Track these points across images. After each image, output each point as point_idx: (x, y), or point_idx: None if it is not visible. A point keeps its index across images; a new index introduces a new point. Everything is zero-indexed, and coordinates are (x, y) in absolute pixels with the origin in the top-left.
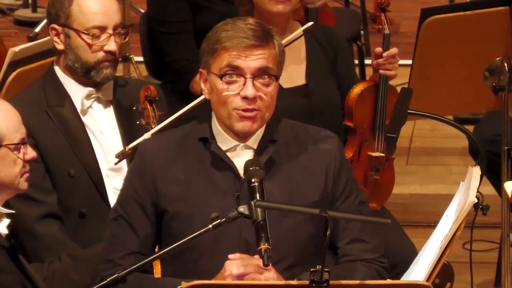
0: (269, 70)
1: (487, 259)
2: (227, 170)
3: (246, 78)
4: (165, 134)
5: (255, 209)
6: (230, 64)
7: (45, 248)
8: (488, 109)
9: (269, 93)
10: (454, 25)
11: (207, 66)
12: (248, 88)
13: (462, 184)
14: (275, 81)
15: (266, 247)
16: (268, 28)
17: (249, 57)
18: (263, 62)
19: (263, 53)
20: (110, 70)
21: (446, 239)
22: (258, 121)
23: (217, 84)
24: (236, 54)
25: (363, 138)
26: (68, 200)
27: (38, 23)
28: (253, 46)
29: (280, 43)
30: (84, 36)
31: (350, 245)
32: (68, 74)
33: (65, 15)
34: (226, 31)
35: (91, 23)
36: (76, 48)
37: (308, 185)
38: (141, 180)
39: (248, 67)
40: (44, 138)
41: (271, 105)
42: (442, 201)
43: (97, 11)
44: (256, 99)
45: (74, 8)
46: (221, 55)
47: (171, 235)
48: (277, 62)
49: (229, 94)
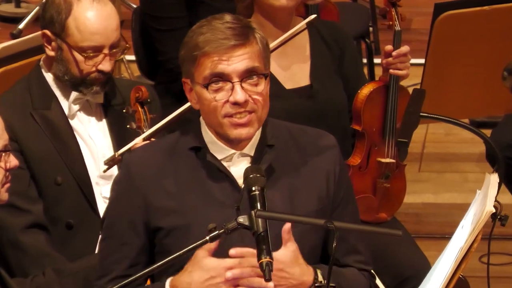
0: (256, 70)
1: (505, 273)
2: (224, 180)
3: (233, 82)
4: (151, 144)
5: (255, 220)
6: (213, 71)
7: (30, 260)
8: (506, 112)
9: (260, 93)
10: (470, 21)
11: (190, 76)
12: (238, 92)
13: (478, 192)
14: (264, 79)
15: (267, 261)
16: (247, 22)
17: (232, 60)
18: (248, 62)
19: (246, 52)
20: (101, 88)
21: (462, 252)
22: (254, 124)
23: (203, 94)
24: (218, 58)
25: (372, 143)
26: (55, 210)
27: (22, 19)
28: (234, 47)
29: (262, 36)
30: (77, 54)
31: (348, 256)
32: (55, 79)
33: (60, 26)
34: (203, 35)
35: (86, 43)
36: (67, 62)
37: (310, 193)
38: (129, 196)
39: (234, 71)
40: (29, 142)
41: (265, 105)
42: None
43: (95, 30)
44: (247, 102)
45: (71, 22)
46: (202, 62)
47: (166, 253)
48: (263, 58)
49: (218, 103)
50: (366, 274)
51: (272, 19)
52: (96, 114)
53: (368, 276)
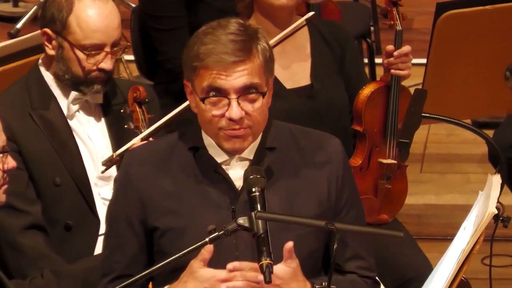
0: (255, 86)
1: (508, 275)
2: (221, 182)
3: (230, 99)
4: (150, 143)
5: (255, 221)
6: (211, 85)
7: (28, 262)
8: (509, 112)
9: (257, 110)
10: (472, 20)
11: (191, 81)
12: (233, 109)
13: (481, 193)
14: (262, 97)
15: (267, 263)
16: (253, 31)
17: (231, 76)
18: (248, 79)
19: (246, 68)
20: (102, 87)
21: (464, 254)
22: (248, 138)
23: (200, 105)
24: (217, 73)
25: (373, 144)
26: (53, 211)
27: (19, 18)
28: (234, 63)
29: (265, 48)
30: (79, 52)
31: (350, 262)
32: (55, 78)
33: (61, 24)
34: (205, 45)
35: (88, 41)
36: (68, 60)
37: (310, 196)
38: (127, 195)
39: (232, 87)
40: (28, 143)
41: (262, 120)
42: (459, 212)
43: (97, 28)
44: (243, 119)
45: (72, 20)
46: (201, 74)
47: (163, 253)
48: (264, 72)
49: (214, 116)
50: (369, 281)
51: (272, 18)
52: (95, 115)
53: (371, 284)
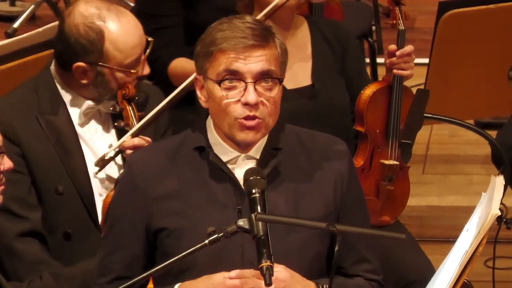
0: (271, 73)
1: (511, 277)
2: (227, 181)
3: (247, 82)
4: (155, 144)
5: (255, 223)
6: (228, 68)
7: (26, 266)
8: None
9: (272, 98)
10: (475, 20)
11: (203, 72)
12: (250, 93)
13: (484, 195)
14: (278, 84)
15: (268, 265)
16: (268, 26)
17: (248, 59)
18: (265, 64)
19: (264, 54)
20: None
21: (467, 256)
22: (261, 130)
23: (215, 91)
24: (235, 56)
25: (375, 145)
26: (53, 218)
27: (16, 18)
28: (253, 47)
29: (282, 42)
30: (119, 73)
31: (356, 265)
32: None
33: (98, 54)
34: (222, 31)
35: (129, 59)
36: (109, 84)
37: (316, 198)
38: (131, 196)
39: (249, 71)
40: (32, 147)
41: (274, 112)
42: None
43: (134, 43)
44: (258, 105)
45: (108, 46)
46: (218, 58)
47: (167, 254)
48: (280, 63)
49: (229, 102)
50: (374, 284)
51: (272, 17)
52: (104, 124)
53: (376, 287)
